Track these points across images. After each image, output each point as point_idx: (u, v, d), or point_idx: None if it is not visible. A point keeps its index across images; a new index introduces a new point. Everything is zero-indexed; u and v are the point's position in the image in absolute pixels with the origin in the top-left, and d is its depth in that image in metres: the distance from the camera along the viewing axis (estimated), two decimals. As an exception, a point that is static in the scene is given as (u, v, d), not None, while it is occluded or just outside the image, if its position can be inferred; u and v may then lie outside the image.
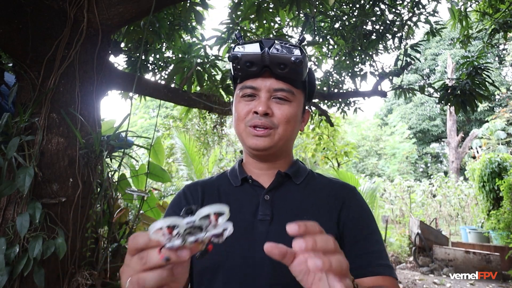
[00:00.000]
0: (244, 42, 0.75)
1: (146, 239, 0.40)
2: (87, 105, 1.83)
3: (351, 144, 7.45)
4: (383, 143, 19.90)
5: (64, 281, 1.63)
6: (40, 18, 1.71)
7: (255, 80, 0.75)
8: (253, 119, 0.74)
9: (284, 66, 0.72)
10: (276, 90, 0.74)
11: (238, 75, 0.77)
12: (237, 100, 0.79)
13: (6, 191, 1.45)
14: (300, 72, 0.74)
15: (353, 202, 0.78)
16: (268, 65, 0.72)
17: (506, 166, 6.46)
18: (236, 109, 0.79)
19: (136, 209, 2.52)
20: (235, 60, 0.73)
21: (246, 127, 0.76)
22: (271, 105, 0.75)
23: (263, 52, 0.72)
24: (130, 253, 0.42)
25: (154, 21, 2.69)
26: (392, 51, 4.12)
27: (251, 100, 0.76)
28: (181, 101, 2.71)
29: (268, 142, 0.74)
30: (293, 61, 0.70)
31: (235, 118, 0.79)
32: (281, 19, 3.38)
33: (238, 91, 0.79)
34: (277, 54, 0.71)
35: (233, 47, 0.75)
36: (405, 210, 9.96)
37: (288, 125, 0.76)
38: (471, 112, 3.16)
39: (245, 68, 0.74)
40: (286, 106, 0.75)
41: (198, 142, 6.12)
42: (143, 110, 21.96)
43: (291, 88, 0.75)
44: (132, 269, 0.41)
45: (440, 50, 20.55)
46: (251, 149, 0.77)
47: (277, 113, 0.75)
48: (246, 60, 0.73)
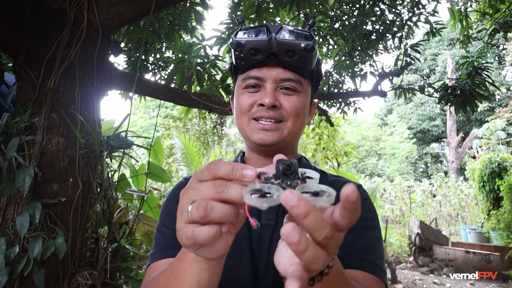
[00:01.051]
0: (248, 28, 0.67)
1: (229, 169, 0.36)
2: (87, 105, 1.83)
3: (351, 144, 7.45)
4: (383, 143, 19.90)
5: (64, 281, 1.63)
6: (40, 18, 1.71)
7: (260, 70, 0.68)
8: (259, 111, 0.68)
9: (293, 53, 0.65)
10: (284, 80, 0.68)
11: (241, 64, 0.69)
12: (239, 92, 0.72)
13: (6, 191, 1.45)
14: (309, 61, 0.67)
15: None
16: (275, 52, 0.65)
17: (506, 166, 6.46)
18: (238, 102, 0.71)
19: (136, 209, 2.52)
20: (238, 47, 0.65)
21: (250, 120, 0.69)
22: (278, 96, 0.68)
23: (270, 37, 0.64)
24: (204, 178, 0.37)
25: (153, 21, 2.69)
26: (392, 51, 4.12)
27: (256, 92, 0.69)
28: (181, 101, 2.71)
29: (277, 136, 0.68)
30: (303, 47, 0.63)
31: (237, 111, 0.72)
32: (281, 19, 3.38)
33: (240, 82, 0.71)
34: (285, 40, 0.64)
35: (235, 32, 0.67)
36: (405, 210, 9.97)
37: (297, 118, 0.69)
38: (471, 112, 3.16)
39: (249, 56, 0.66)
40: (294, 97, 0.69)
41: (198, 142, 6.11)
42: (143, 110, 21.97)
43: (299, 78, 0.69)
44: (201, 193, 0.37)
45: (440, 50, 20.56)
46: (257, 144, 0.69)
47: (285, 104, 0.68)
48: (251, 47, 0.65)
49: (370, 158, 19.74)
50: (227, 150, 8.25)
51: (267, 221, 0.69)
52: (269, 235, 0.67)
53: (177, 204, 0.39)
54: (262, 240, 0.68)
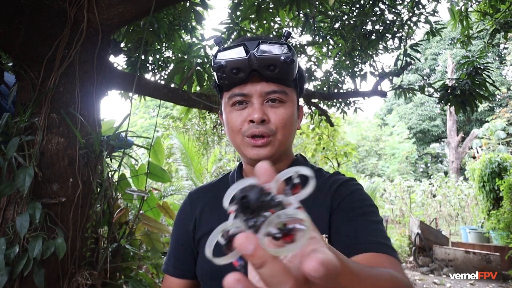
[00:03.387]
0: (225, 48, 0.69)
1: None
2: (87, 105, 1.83)
3: (351, 144, 7.45)
4: (383, 143, 19.90)
5: (64, 281, 1.63)
6: (40, 18, 1.71)
7: (244, 87, 0.70)
8: (250, 128, 0.70)
9: (274, 67, 0.67)
10: (269, 93, 0.70)
11: (225, 83, 0.72)
12: (227, 110, 0.74)
13: (6, 191, 1.45)
14: (291, 71, 0.70)
15: (345, 186, 0.74)
16: (256, 68, 0.67)
17: (506, 166, 6.46)
18: (229, 121, 0.74)
19: (136, 209, 2.52)
20: (220, 69, 0.67)
21: (244, 138, 0.72)
22: (266, 110, 0.70)
23: (249, 55, 0.66)
24: None
25: (153, 21, 2.69)
26: (392, 51, 4.12)
27: (243, 108, 0.72)
28: (181, 101, 2.71)
29: (269, 150, 0.71)
30: (283, 60, 0.66)
31: (230, 131, 0.74)
32: (281, 19, 3.38)
33: (227, 100, 0.73)
34: (265, 56, 0.66)
35: (215, 54, 0.70)
36: (405, 210, 9.96)
37: (285, 129, 0.72)
38: (471, 112, 3.16)
39: (231, 76, 0.68)
40: (281, 109, 0.71)
41: (197, 142, 6.12)
42: (143, 110, 21.96)
43: (283, 88, 0.71)
44: None
45: (440, 50, 20.56)
46: (252, 160, 0.72)
47: (273, 118, 0.71)
48: (232, 67, 0.67)
49: (370, 158, 19.74)
50: (226, 150, 8.25)
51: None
52: None
53: (181, 222, 0.38)
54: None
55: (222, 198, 0.84)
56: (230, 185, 0.79)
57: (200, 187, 0.90)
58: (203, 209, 0.82)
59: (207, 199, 0.83)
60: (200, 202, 0.83)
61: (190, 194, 0.88)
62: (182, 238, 0.83)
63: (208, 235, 0.77)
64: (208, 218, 0.80)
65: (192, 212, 0.83)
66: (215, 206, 0.80)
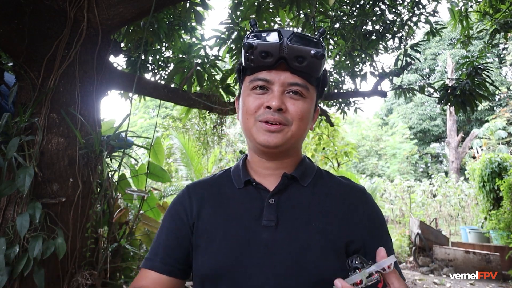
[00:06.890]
0: (260, 30, 0.70)
1: None
2: (87, 105, 1.83)
3: (351, 144, 7.45)
4: (383, 143, 19.88)
5: (64, 281, 1.63)
6: (40, 18, 1.71)
7: (269, 73, 0.70)
8: (265, 114, 0.69)
9: (302, 59, 0.67)
10: (291, 85, 0.70)
11: (250, 65, 0.70)
12: (245, 92, 0.74)
13: (6, 191, 1.45)
14: (318, 67, 0.69)
15: (363, 206, 0.76)
16: (285, 56, 0.67)
17: (506, 166, 6.46)
18: (245, 103, 0.73)
19: (136, 209, 2.52)
20: (249, 49, 0.67)
21: (256, 122, 0.71)
22: (284, 100, 0.70)
23: (281, 42, 0.66)
24: None
25: (153, 21, 2.69)
26: (392, 51, 4.12)
27: (263, 94, 0.71)
28: (181, 101, 2.71)
29: (280, 138, 0.69)
30: (313, 54, 0.66)
31: (243, 112, 0.73)
32: (281, 19, 3.38)
33: (248, 83, 0.73)
34: (296, 46, 0.66)
35: (248, 34, 0.70)
36: (405, 210, 9.96)
37: (301, 122, 0.71)
38: (471, 112, 3.16)
39: (259, 59, 0.68)
40: (300, 102, 0.71)
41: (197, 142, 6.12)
42: (143, 110, 21.96)
43: (306, 83, 0.71)
44: None
45: (440, 50, 20.54)
46: (261, 145, 0.71)
47: (291, 108, 0.70)
48: (262, 49, 0.67)
49: (371, 158, 19.72)
50: (226, 150, 8.25)
51: (268, 222, 0.70)
52: (269, 235, 0.69)
53: (176, 213, 0.40)
54: (261, 240, 0.69)
55: (224, 194, 0.80)
56: (233, 180, 0.81)
57: (199, 180, 0.85)
58: (203, 204, 0.78)
59: (207, 194, 0.79)
60: (199, 196, 0.79)
61: (189, 187, 0.83)
62: (178, 231, 0.77)
63: (212, 232, 0.74)
64: (210, 213, 0.76)
65: (190, 206, 0.78)
66: (217, 202, 0.77)
